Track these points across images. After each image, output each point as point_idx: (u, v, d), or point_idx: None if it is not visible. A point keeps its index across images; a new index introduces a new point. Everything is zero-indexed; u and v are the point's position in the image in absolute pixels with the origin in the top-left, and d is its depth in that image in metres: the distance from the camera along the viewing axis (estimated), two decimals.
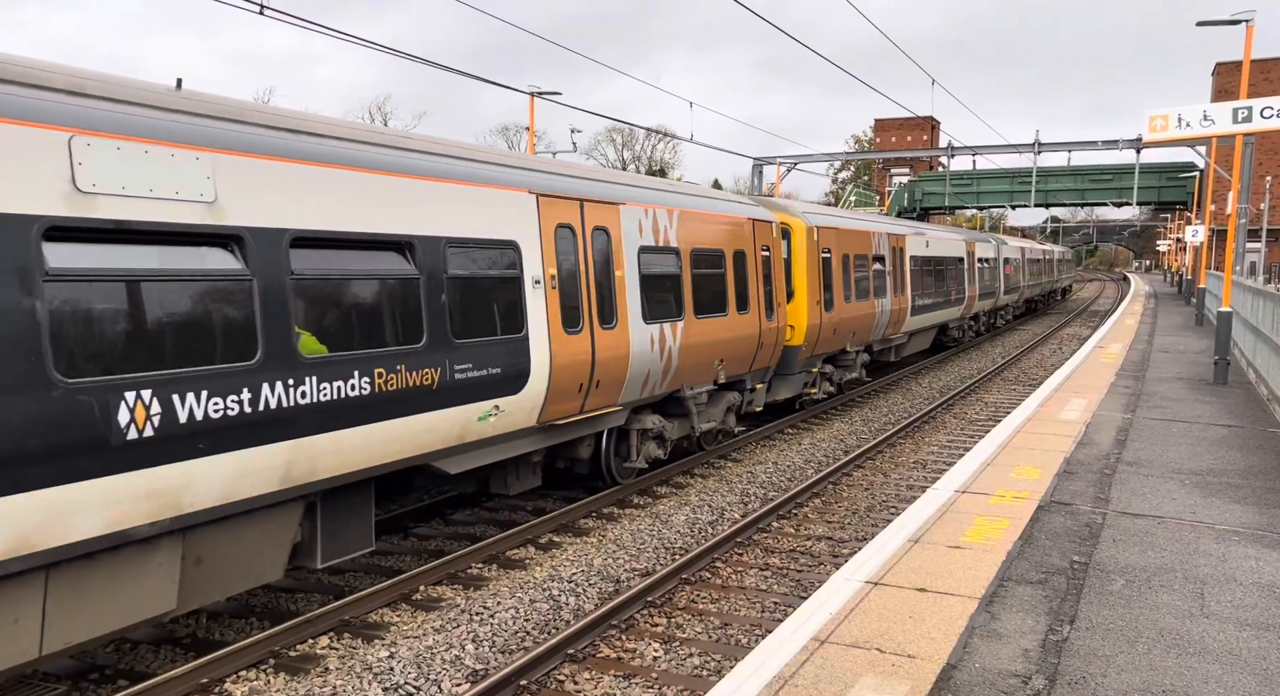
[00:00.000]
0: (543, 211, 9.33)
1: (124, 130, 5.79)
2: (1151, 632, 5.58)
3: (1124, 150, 36.35)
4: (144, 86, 6.35)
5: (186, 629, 7.61)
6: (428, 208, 7.87)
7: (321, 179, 6.96)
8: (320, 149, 7.10)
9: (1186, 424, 12.58)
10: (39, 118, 5.38)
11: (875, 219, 21.75)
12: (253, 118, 6.88)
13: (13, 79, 5.47)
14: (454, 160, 8.53)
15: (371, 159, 7.47)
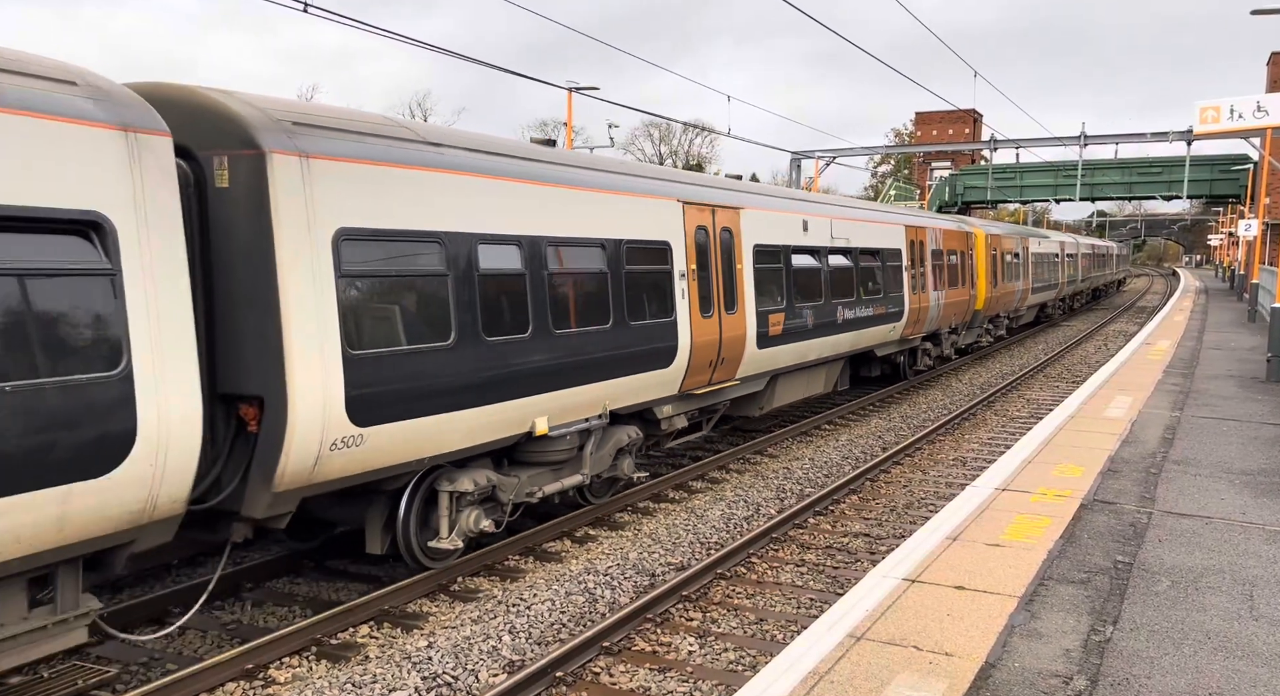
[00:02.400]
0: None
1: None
2: (1198, 634, 5.46)
3: (1174, 142, 35.48)
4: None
5: (232, 616, 7.78)
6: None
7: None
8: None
9: (1237, 422, 12.27)
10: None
11: (1016, 227, 32.82)
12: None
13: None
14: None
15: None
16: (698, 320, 11.20)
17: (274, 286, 6.42)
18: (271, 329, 6.46)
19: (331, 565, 8.99)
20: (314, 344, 6.61)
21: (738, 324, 12.13)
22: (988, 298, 24.79)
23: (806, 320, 14.01)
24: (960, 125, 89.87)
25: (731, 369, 12.17)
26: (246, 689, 6.43)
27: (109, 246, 5.52)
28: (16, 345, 5.06)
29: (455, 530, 8.18)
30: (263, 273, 6.45)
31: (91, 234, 5.46)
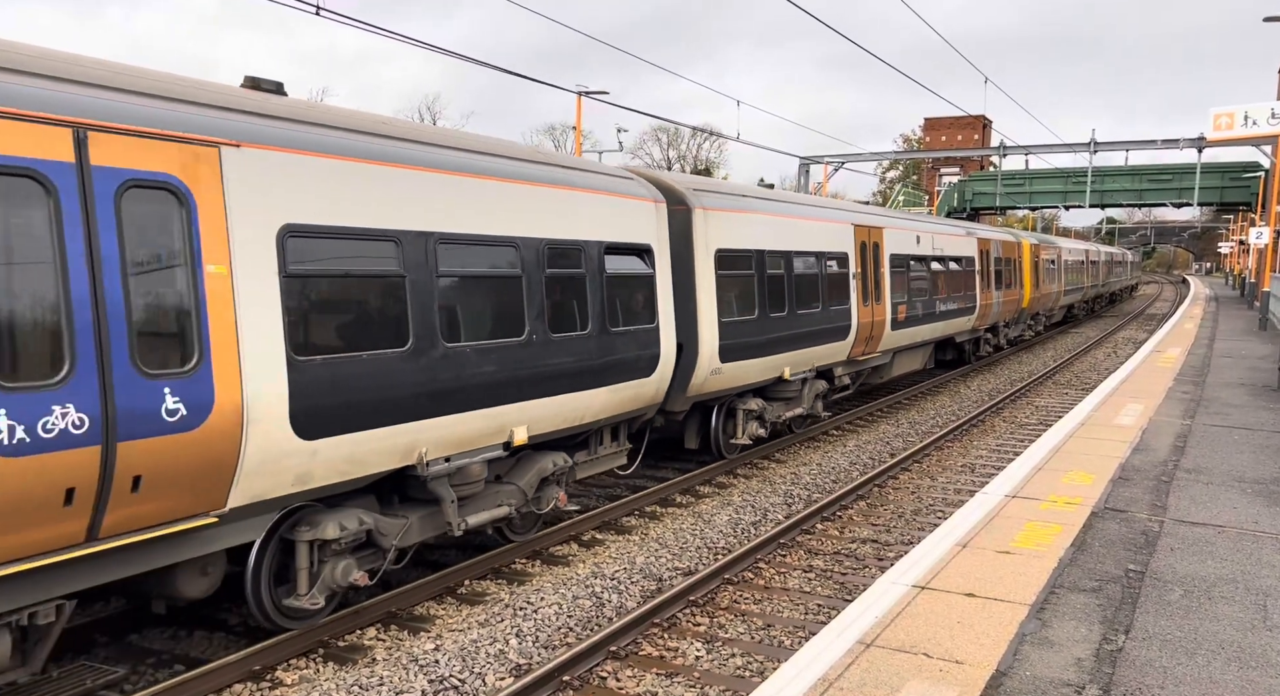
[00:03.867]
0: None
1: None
2: (1211, 644, 5.42)
3: (1185, 149, 35.34)
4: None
5: (239, 618, 7.78)
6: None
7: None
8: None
9: (1249, 431, 12.18)
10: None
11: (1051, 237, 37.03)
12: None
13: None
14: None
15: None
16: (860, 308, 15.72)
17: (693, 279, 11.44)
18: (692, 304, 11.38)
19: None
20: (710, 315, 11.54)
21: (881, 312, 16.70)
22: (1031, 297, 29.63)
23: (918, 310, 18.60)
24: (970, 131, 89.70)
25: (875, 344, 16.72)
26: (254, 690, 6.43)
27: (651, 259, 10.40)
28: (627, 311, 9.89)
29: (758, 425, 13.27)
30: (689, 273, 11.38)
31: (645, 255, 10.34)
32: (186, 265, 5.67)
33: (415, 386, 7.16)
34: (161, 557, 5.92)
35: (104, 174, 5.29)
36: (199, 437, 5.69)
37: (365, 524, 7.13)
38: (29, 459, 4.87)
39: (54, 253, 5.04)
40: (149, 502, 5.54)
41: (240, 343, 5.93)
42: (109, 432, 5.24)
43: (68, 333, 5.07)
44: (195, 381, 5.67)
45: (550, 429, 8.86)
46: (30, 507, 4.94)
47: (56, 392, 5.01)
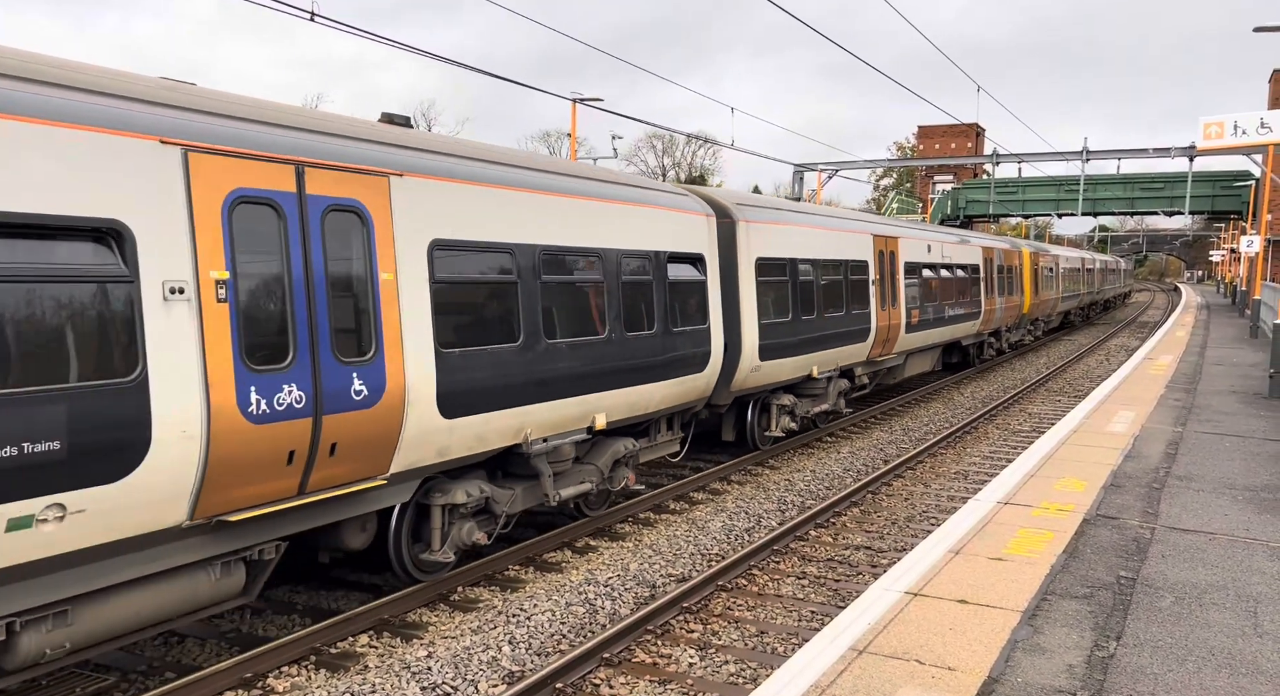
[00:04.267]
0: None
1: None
2: (1202, 651, 5.44)
3: (1176, 158, 35.55)
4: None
5: (231, 624, 7.76)
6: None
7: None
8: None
9: (1240, 438, 12.24)
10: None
11: (1048, 246, 39.13)
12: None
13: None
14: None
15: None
16: (879, 312, 16.93)
17: (737, 284, 12.57)
18: (735, 307, 12.51)
19: (331, 574, 8.97)
20: (751, 317, 12.69)
21: (896, 315, 17.92)
22: (1031, 304, 31.16)
23: (929, 315, 19.85)
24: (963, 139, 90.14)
25: (891, 346, 17.98)
26: None
27: (704, 269, 11.60)
28: (684, 313, 11.00)
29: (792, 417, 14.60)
30: (733, 279, 12.61)
31: (699, 263, 11.49)
32: (366, 273, 6.95)
33: (524, 376, 8.43)
34: (344, 511, 7.18)
35: (314, 201, 6.56)
36: (375, 414, 6.93)
37: (484, 493, 8.34)
38: (267, 426, 6.16)
39: (283, 262, 6.32)
40: (340, 465, 6.79)
41: (403, 337, 7.19)
42: (318, 407, 6.50)
43: (292, 326, 6.36)
44: (373, 368, 6.92)
45: (623, 416, 10.08)
46: (265, 465, 6.21)
47: (285, 375, 6.28)
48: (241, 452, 6.00)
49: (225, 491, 6.02)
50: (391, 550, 7.94)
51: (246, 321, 6.06)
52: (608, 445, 10.08)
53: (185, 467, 5.70)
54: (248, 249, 6.10)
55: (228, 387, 5.91)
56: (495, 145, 9.31)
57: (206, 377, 5.79)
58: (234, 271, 6.00)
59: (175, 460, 5.64)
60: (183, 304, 5.69)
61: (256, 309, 6.13)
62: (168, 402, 5.58)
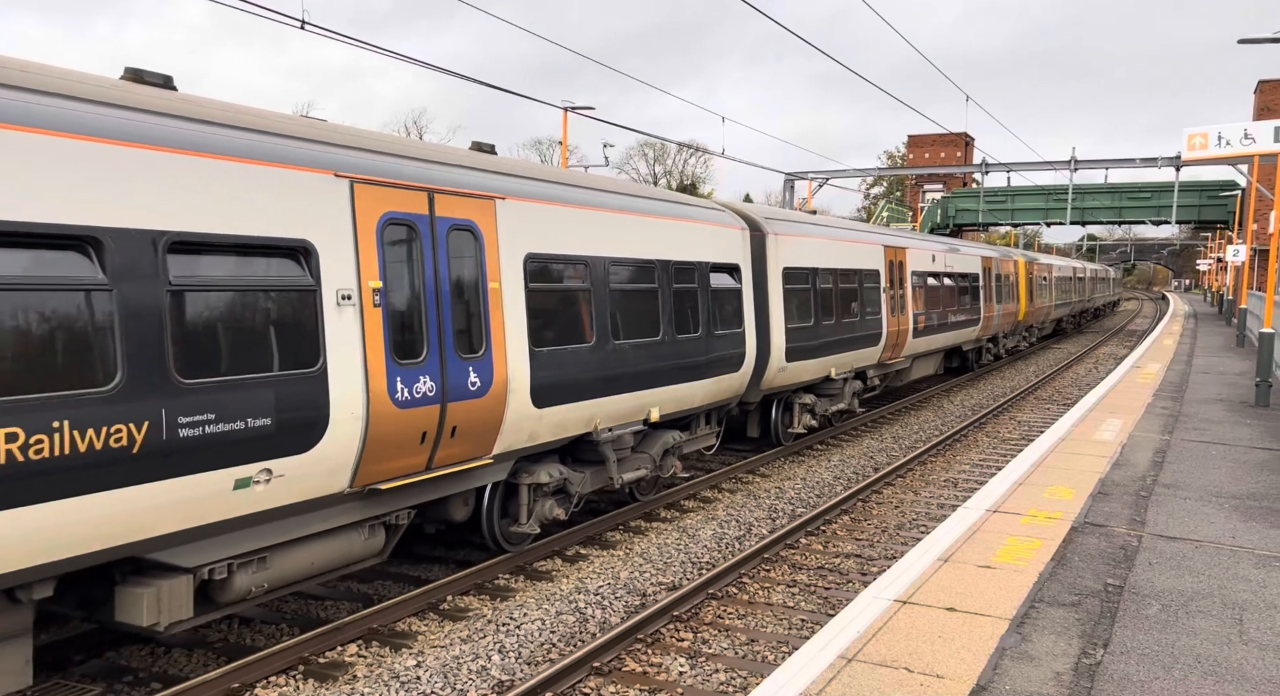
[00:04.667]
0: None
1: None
2: (1188, 658, 5.47)
3: (1163, 168, 35.82)
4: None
5: (219, 634, 7.71)
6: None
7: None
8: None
9: (1226, 446, 12.32)
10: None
11: (1042, 255, 41.02)
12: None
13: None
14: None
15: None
16: (889, 318, 18.09)
17: (767, 293, 13.66)
18: (765, 312, 13.53)
19: (318, 583, 8.93)
20: (779, 322, 13.70)
21: (905, 321, 19.08)
22: (1027, 311, 32.61)
23: (934, 321, 21.14)
24: (952, 148, 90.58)
25: (900, 350, 19.11)
26: None
27: (739, 277, 12.66)
28: (723, 317, 12.07)
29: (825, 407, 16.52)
30: (763, 286, 13.65)
31: (735, 272, 12.57)
32: (478, 282, 8.14)
33: (595, 372, 9.60)
34: (456, 486, 8.34)
35: (441, 222, 7.77)
36: (484, 403, 8.12)
37: (562, 474, 9.49)
38: (407, 411, 7.33)
39: (419, 274, 7.53)
40: (457, 446, 7.95)
41: (505, 337, 8.37)
42: (444, 396, 7.67)
43: (426, 327, 7.55)
44: (483, 363, 8.09)
45: (672, 410, 11.19)
46: (405, 443, 7.36)
47: (420, 368, 7.45)
48: (389, 432, 7.18)
49: (376, 464, 7.21)
50: (485, 523, 9.07)
51: (394, 323, 7.31)
52: (659, 436, 11.14)
53: (351, 443, 6.92)
54: (393, 262, 7.34)
55: (381, 378, 7.12)
56: (571, 170, 11.21)
57: (367, 369, 7.02)
58: (385, 281, 7.22)
59: (345, 436, 6.85)
60: (350, 308, 6.95)
61: (400, 312, 7.37)
62: (341, 389, 6.81)
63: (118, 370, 5.45)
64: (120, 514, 5.56)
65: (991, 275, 26.96)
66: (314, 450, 6.61)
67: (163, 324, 5.70)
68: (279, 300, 6.43)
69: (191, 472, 5.86)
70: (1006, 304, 28.93)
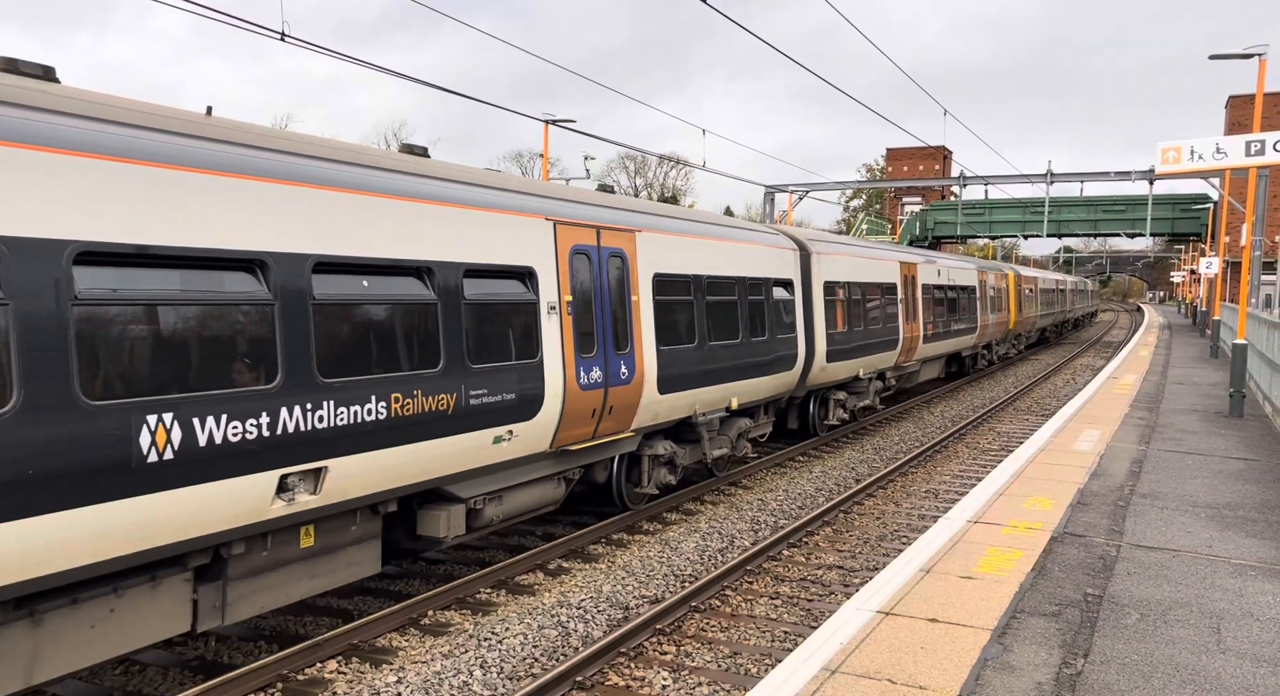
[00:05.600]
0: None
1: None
2: (1167, 667, 5.51)
3: (1137, 181, 36.35)
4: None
5: (195, 652, 7.60)
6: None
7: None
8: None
9: (1202, 456, 12.47)
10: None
11: (1028, 269, 42.82)
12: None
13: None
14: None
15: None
16: (905, 325, 20.42)
17: (812, 304, 15.84)
18: (811, 320, 15.73)
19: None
20: (821, 328, 15.84)
21: (916, 328, 21.39)
22: (1016, 320, 35.10)
23: (940, 328, 23.53)
24: (931, 161, 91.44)
25: (912, 354, 21.39)
26: None
27: (793, 290, 14.85)
28: (781, 324, 14.33)
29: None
30: (809, 298, 15.83)
31: (789, 286, 14.68)
32: (624, 295, 10.56)
33: (697, 367, 11.92)
34: (607, 453, 10.71)
35: (604, 250, 10.25)
36: (629, 389, 10.50)
37: (671, 449, 11.80)
38: (585, 392, 9.67)
39: (591, 290, 9.94)
40: (611, 422, 10.31)
41: (642, 338, 10.77)
42: (607, 382, 10.05)
43: (595, 329, 9.95)
44: (629, 358, 10.52)
45: (746, 400, 13.48)
46: (583, 417, 9.72)
47: (593, 360, 9.83)
48: (576, 407, 9.49)
49: (566, 431, 9.52)
50: (615, 485, 11.30)
51: (578, 326, 9.64)
52: (735, 422, 13.38)
53: (554, 414, 9.19)
54: (576, 281, 9.69)
55: (572, 367, 9.45)
56: (683, 207, 14.36)
57: (564, 360, 9.35)
58: (572, 295, 9.57)
59: (551, 409, 9.15)
60: (554, 315, 9.28)
61: (581, 319, 9.69)
62: (550, 374, 9.13)
63: (441, 357, 7.80)
64: (441, 455, 7.85)
65: (986, 287, 29.35)
66: (535, 418, 8.95)
67: (463, 326, 8.05)
68: (516, 310, 8.79)
69: (473, 430, 8.14)
70: (999, 314, 31.53)
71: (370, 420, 7.02)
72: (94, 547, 5.39)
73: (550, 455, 9.52)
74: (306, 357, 6.53)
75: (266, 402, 6.22)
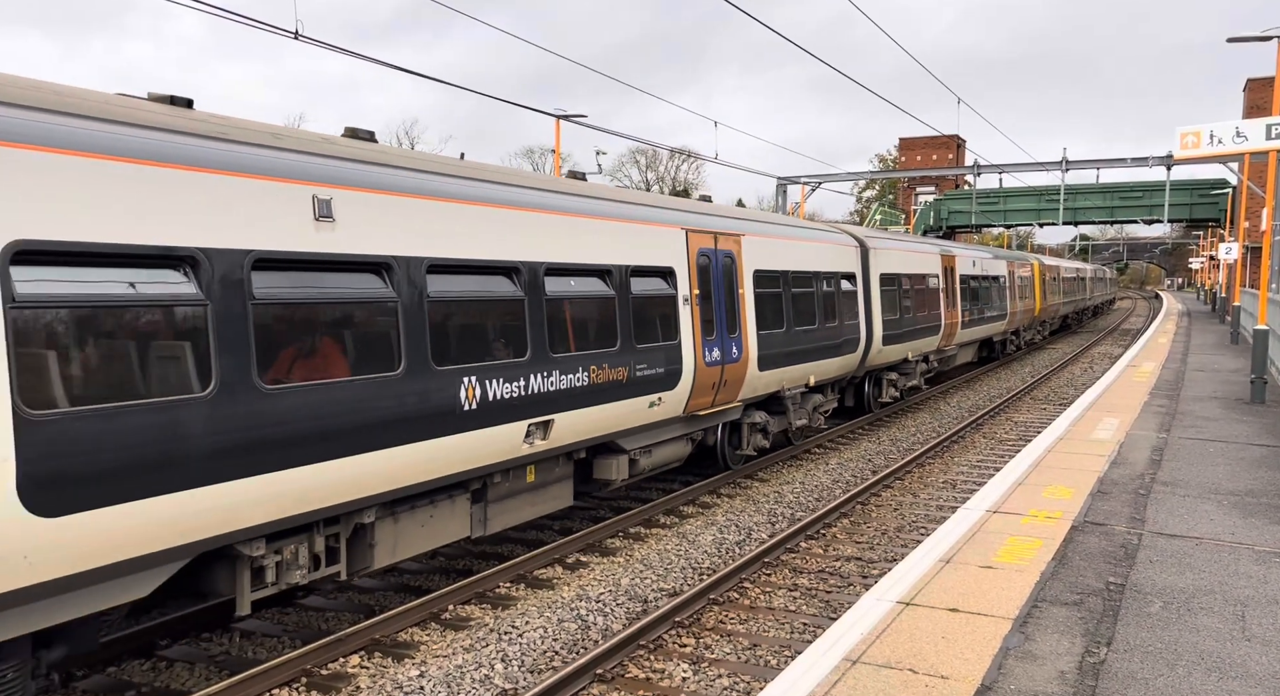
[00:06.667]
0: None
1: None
2: (1191, 655, 5.48)
3: (1154, 167, 35.98)
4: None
5: (220, 647, 7.69)
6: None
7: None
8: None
9: (1223, 443, 12.36)
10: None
11: (1052, 259, 46.36)
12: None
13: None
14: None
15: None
16: (946, 312, 22.44)
17: (870, 293, 17.55)
18: (869, 308, 17.40)
19: (321, 593, 8.90)
20: (878, 315, 17.64)
21: (955, 315, 23.37)
22: (1041, 307, 37.03)
23: (974, 315, 25.50)
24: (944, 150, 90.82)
25: (953, 339, 23.52)
26: None
27: (855, 282, 17.09)
28: (848, 311, 16.52)
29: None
30: (868, 289, 17.57)
31: (850, 279, 16.85)
32: (734, 288, 12.61)
33: (784, 349, 13.91)
34: (719, 420, 12.69)
35: (720, 252, 12.36)
36: (739, 366, 12.53)
37: (765, 419, 13.97)
38: (709, 368, 11.75)
39: (711, 285, 11.99)
40: (724, 393, 12.32)
41: (747, 323, 12.82)
42: (724, 359, 12.11)
43: (716, 317, 12.03)
44: (738, 340, 12.54)
45: (820, 378, 15.49)
46: (706, 388, 11.76)
47: (713, 342, 11.89)
48: (701, 381, 11.58)
49: (694, 400, 11.58)
50: (719, 448, 13.31)
51: (702, 314, 11.71)
52: (811, 397, 15.40)
53: (687, 385, 11.30)
54: (700, 277, 11.77)
55: (699, 347, 11.55)
56: (778, 214, 17.93)
57: (694, 342, 11.45)
58: (698, 289, 11.69)
59: (686, 381, 11.25)
60: (687, 305, 11.38)
61: (704, 308, 11.77)
62: (686, 353, 11.24)
63: (618, 338, 9.98)
64: (617, 415, 10.03)
65: (1014, 277, 31.24)
66: (675, 388, 11.05)
67: (631, 314, 10.23)
68: (663, 301, 10.95)
69: (637, 396, 10.29)
70: (1026, 301, 33.41)
71: (579, 386, 9.25)
72: (430, 468, 7.61)
73: (682, 419, 11.66)
74: (542, 338, 8.79)
75: (521, 370, 8.47)
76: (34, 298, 5.02)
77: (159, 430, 5.48)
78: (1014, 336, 33.01)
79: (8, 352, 4.85)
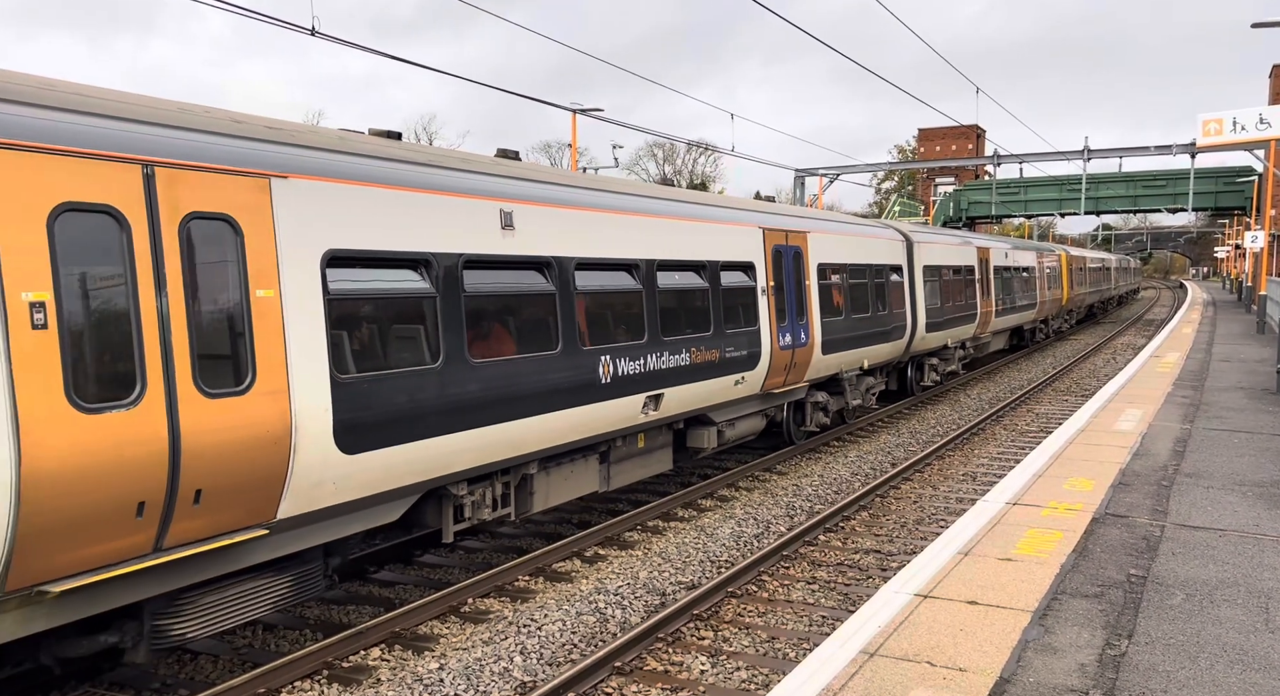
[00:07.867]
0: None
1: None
2: (1214, 648, 5.43)
3: (1178, 155, 35.49)
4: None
5: (244, 640, 7.78)
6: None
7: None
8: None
9: (1248, 434, 12.20)
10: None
11: (1079, 249, 47.65)
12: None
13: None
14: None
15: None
16: (981, 301, 23.62)
17: (915, 284, 18.98)
18: (914, 298, 18.91)
19: (343, 587, 8.99)
20: (921, 305, 19.13)
21: (990, 304, 24.55)
22: (1069, 297, 38.38)
23: (1007, 304, 26.84)
24: (964, 141, 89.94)
25: (987, 327, 24.73)
26: None
27: (902, 273, 18.27)
28: (895, 301, 17.85)
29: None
30: (912, 280, 18.89)
31: (898, 270, 18.14)
32: (802, 279, 13.90)
33: (844, 335, 15.15)
34: (787, 398, 13.92)
35: (788, 247, 13.61)
36: (805, 350, 13.77)
37: (826, 398, 15.14)
38: (782, 351, 13.03)
39: (782, 276, 13.34)
40: (794, 374, 13.62)
41: (812, 311, 14.07)
42: (794, 344, 13.36)
43: (788, 305, 13.30)
44: (805, 327, 13.77)
45: (872, 362, 16.71)
46: (780, 370, 13.09)
47: (785, 328, 13.17)
48: (777, 362, 12.82)
49: (769, 380, 12.86)
50: (785, 425, 14.55)
51: (777, 303, 12.95)
52: (864, 380, 16.61)
53: (765, 366, 12.54)
54: (774, 269, 13.06)
55: (775, 333, 12.78)
56: (837, 212, 19.00)
57: (770, 328, 12.69)
58: (773, 281, 12.95)
59: (764, 362, 12.50)
60: (764, 295, 12.64)
61: (778, 297, 13.02)
62: (763, 338, 12.49)
63: (711, 324, 11.35)
64: (709, 391, 11.37)
65: (1043, 267, 32.59)
66: (755, 369, 12.31)
67: (721, 303, 11.56)
68: (745, 292, 12.20)
69: (725, 375, 11.61)
70: (1054, 291, 34.79)
71: (683, 365, 10.69)
72: (577, 431, 9.11)
73: (759, 396, 12.90)
74: (656, 324, 10.28)
75: (641, 350, 9.98)
76: (338, 291, 6.69)
77: (410, 392, 7.11)
78: (1043, 324, 34.26)
79: (326, 330, 6.52)
